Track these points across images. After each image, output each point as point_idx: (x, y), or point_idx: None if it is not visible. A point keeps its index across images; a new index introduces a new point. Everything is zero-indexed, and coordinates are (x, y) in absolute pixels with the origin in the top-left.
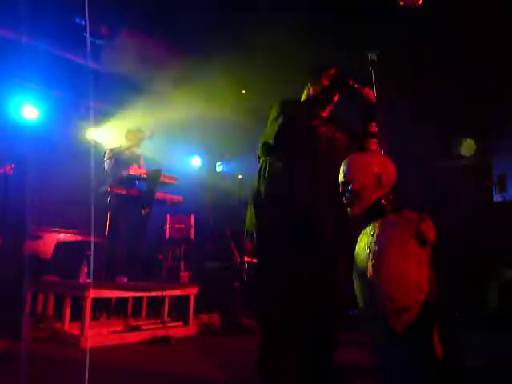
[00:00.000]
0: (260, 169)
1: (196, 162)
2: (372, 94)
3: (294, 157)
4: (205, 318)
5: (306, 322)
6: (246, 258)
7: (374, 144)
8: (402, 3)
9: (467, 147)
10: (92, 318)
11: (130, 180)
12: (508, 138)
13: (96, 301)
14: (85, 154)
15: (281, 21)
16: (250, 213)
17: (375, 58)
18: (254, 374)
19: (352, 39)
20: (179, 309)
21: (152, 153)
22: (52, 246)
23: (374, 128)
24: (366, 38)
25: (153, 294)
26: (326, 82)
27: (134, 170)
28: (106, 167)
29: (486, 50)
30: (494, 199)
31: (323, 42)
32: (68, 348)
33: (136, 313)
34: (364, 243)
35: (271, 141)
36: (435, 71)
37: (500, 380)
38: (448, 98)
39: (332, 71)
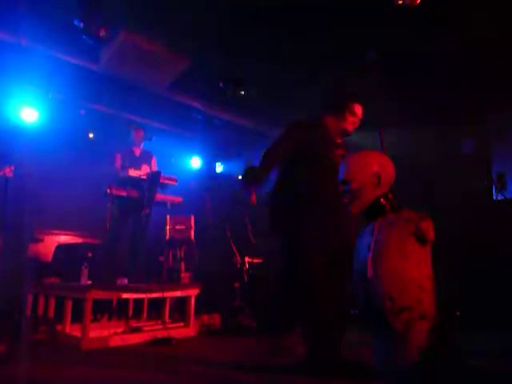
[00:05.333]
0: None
1: (196, 162)
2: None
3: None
4: (206, 318)
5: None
6: (246, 259)
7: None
8: (400, 2)
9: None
10: (93, 320)
11: (130, 182)
12: (508, 137)
13: (97, 303)
14: (85, 156)
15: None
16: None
17: (374, 58)
18: (254, 374)
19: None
20: (180, 310)
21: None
22: (52, 249)
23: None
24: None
25: (153, 295)
26: (350, 118)
27: (133, 172)
28: (114, 168)
29: (486, 49)
30: (494, 198)
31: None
32: (69, 350)
33: (137, 314)
34: (363, 242)
35: None
36: (435, 71)
37: (500, 380)
38: (447, 98)
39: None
